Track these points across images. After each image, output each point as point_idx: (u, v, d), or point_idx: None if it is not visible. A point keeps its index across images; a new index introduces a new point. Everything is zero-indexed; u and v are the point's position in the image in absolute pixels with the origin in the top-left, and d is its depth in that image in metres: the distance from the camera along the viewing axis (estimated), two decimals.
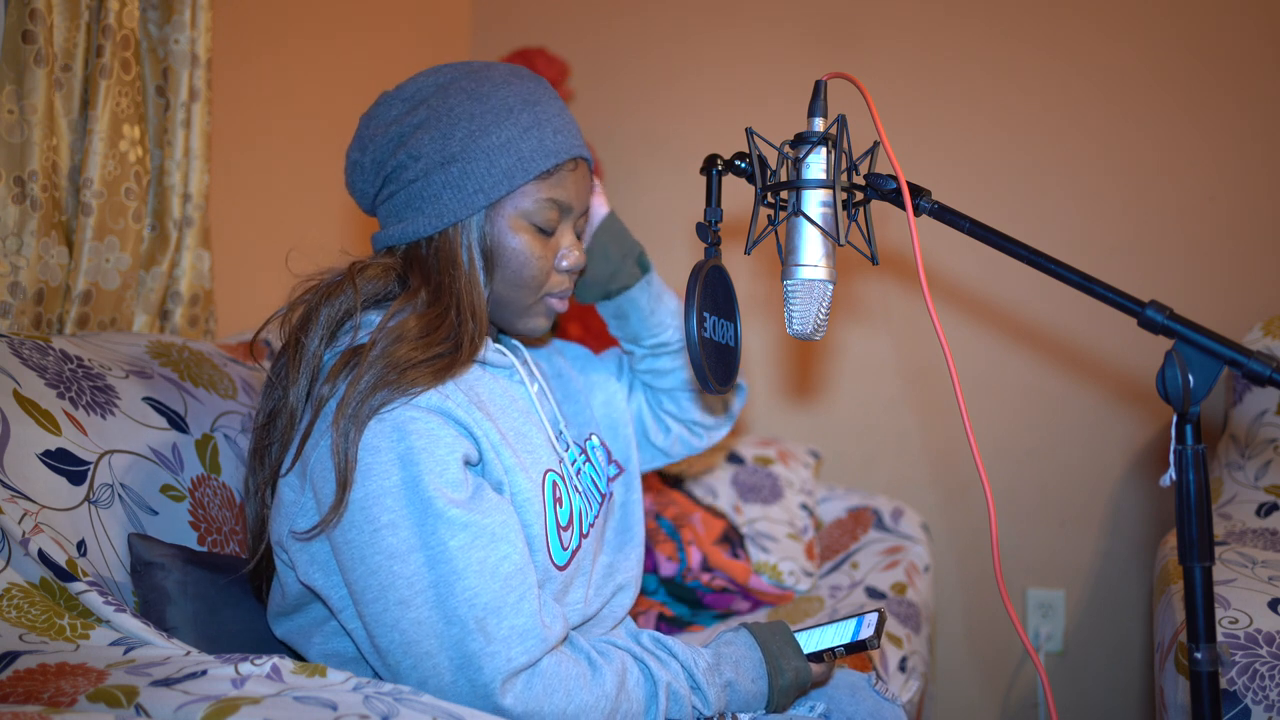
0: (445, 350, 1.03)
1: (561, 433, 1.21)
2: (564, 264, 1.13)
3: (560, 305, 1.16)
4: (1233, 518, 1.72)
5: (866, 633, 1.14)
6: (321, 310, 1.06)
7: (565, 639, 1.02)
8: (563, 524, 1.08)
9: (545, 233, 1.11)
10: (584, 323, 2.21)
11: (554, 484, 1.09)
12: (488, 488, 1.01)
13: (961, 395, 1.01)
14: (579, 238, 1.16)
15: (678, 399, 1.37)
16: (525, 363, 1.22)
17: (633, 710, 1.01)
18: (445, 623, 0.94)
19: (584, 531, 1.12)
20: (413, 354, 1.00)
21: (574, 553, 1.09)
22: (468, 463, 1.00)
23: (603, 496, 1.20)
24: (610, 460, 1.27)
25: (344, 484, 0.96)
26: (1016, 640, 2.27)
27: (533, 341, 1.30)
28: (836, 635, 1.16)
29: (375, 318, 1.06)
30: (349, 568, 0.97)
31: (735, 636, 1.13)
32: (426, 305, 1.06)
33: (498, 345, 1.15)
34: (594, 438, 1.26)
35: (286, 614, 1.10)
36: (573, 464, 1.17)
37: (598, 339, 2.31)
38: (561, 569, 1.07)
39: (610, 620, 1.17)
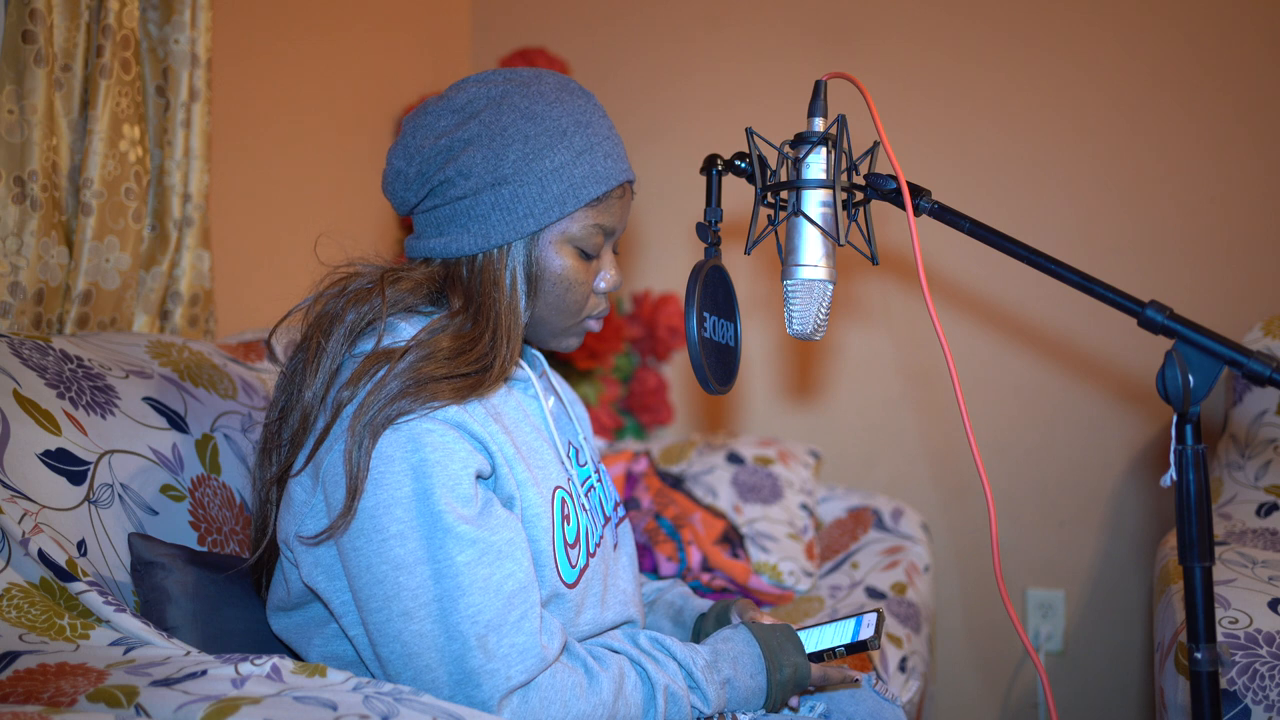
0: (473, 371, 1.02)
1: (580, 449, 1.20)
2: (602, 285, 1.12)
3: (596, 326, 1.15)
4: (1233, 518, 1.72)
5: (866, 632, 1.14)
6: (348, 314, 1.05)
7: (564, 648, 1.02)
8: (570, 542, 1.08)
9: (589, 256, 1.10)
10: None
11: (562, 501, 1.08)
12: (497, 503, 1.01)
13: (961, 395, 1.01)
14: (615, 253, 1.16)
15: None
16: (543, 375, 1.21)
17: (631, 715, 1.01)
18: (447, 638, 0.94)
19: (590, 550, 1.12)
20: (439, 371, 0.99)
21: (582, 571, 1.09)
22: (479, 476, 1.00)
23: (607, 519, 1.20)
24: (618, 503, 1.27)
25: (354, 491, 0.95)
26: (1016, 640, 2.27)
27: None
28: (836, 635, 1.16)
29: (402, 324, 1.05)
30: (355, 574, 0.97)
31: (733, 634, 1.13)
32: (465, 326, 1.05)
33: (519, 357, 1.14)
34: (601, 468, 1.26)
35: (286, 610, 1.10)
36: (584, 482, 1.16)
37: (599, 339, 2.31)
38: (571, 586, 1.06)
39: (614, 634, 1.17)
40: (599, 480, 1.21)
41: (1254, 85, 2.11)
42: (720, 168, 1.13)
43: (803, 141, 1.07)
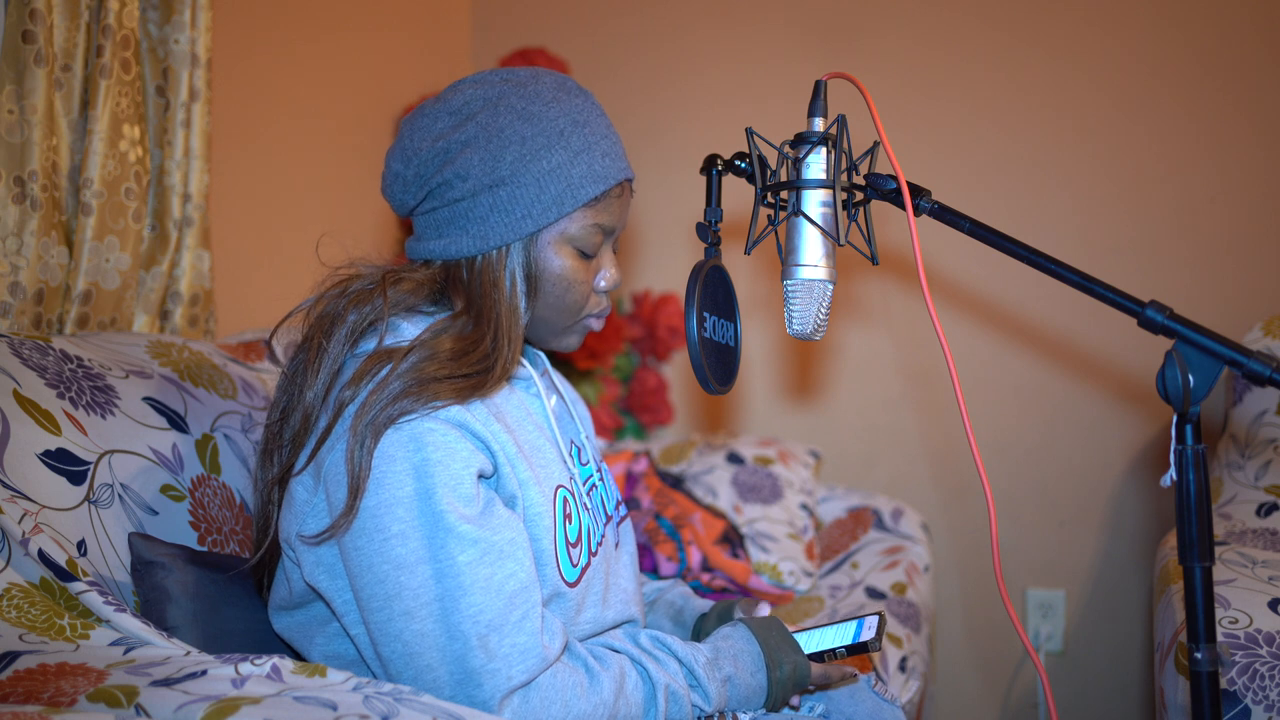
0: (475, 372, 1.02)
1: (583, 447, 1.20)
2: (602, 284, 1.12)
3: (597, 325, 1.15)
4: (1233, 518, 1.72)
5: (868, 634, 1.14)
6: (349, 315, 1.05)
7: (564, 648, 1.02)
8: (571, 541, 1.08)
9: (588, 256, 1.10)
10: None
11: (564, 500, 1.09)
12: (499, 503, 1.01)
13: (961, 395, 1.01)
14: (615, 252, 1.16)
15: None
16: (544, 374, 1.21)
17: (632, 714, 1.01)
18: (448, 637, 0.94)
19: (592, 550, 1.12)
20: (441, 371, 0.99)
21: (584, 570, 1.09)
22: (482, 476, 1.00)
23: (608, 518, 1.20)
24: (619, 501, 1.27)
25: (356, 491, 0.96)
26: (1016, 640, 2.27)
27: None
28: (837, 636, 1.17)
29: (404, 324, 1.06)
30: (356, 574, 0.97)
31: (733, 631, 1.13)
32: (467, 328, 1.05)
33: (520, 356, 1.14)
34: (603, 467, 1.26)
35: (288, 609, 1.10)
36: (585, 481, 1.16)
37: (599, 339, 2.31)
38: (572, 585, 1.06)
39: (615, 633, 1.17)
40: (601, 479, 1.21)
41: (1254, 84, 2.11)
42: (720, 168, 1.13)
43: (803, 141, 1.07)
